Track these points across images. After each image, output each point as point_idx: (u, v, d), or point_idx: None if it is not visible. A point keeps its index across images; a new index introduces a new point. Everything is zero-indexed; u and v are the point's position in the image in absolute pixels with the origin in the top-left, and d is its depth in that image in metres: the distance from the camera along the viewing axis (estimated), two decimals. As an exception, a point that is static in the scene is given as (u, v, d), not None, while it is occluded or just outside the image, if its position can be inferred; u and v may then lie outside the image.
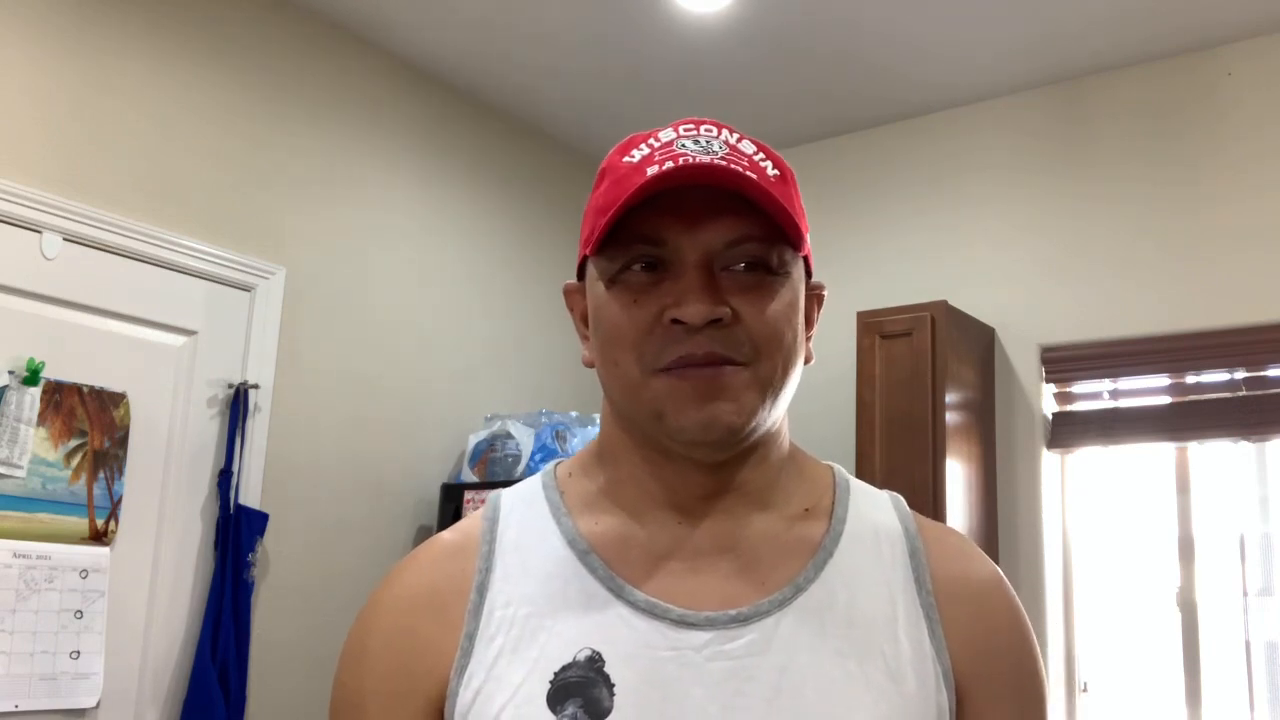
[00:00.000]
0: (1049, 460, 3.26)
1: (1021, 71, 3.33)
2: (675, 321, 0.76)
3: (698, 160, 0.76)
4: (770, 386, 0.79)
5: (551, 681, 0.76)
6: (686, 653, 0.77)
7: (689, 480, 0.82)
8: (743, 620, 0.78)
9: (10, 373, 2.41)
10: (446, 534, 0.89)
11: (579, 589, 0.80)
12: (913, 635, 0.80)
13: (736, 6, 3.02)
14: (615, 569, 0.81)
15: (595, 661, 0.77)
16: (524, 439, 3.23)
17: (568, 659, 0.77)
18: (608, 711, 0.75)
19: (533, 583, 0.81)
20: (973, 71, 3.34)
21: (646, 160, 0.79)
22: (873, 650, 0.78)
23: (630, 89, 3.52)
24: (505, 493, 0.90)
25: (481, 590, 0.82)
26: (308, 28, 3.14)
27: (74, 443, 2.51)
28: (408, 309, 3.35)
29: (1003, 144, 3.46)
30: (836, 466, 0.91)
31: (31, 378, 2.43)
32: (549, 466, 0.91)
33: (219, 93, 2.90)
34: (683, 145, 0.80)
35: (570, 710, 0.75)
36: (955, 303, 3.15)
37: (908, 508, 0.89)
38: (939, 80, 3.40)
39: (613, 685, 0.76)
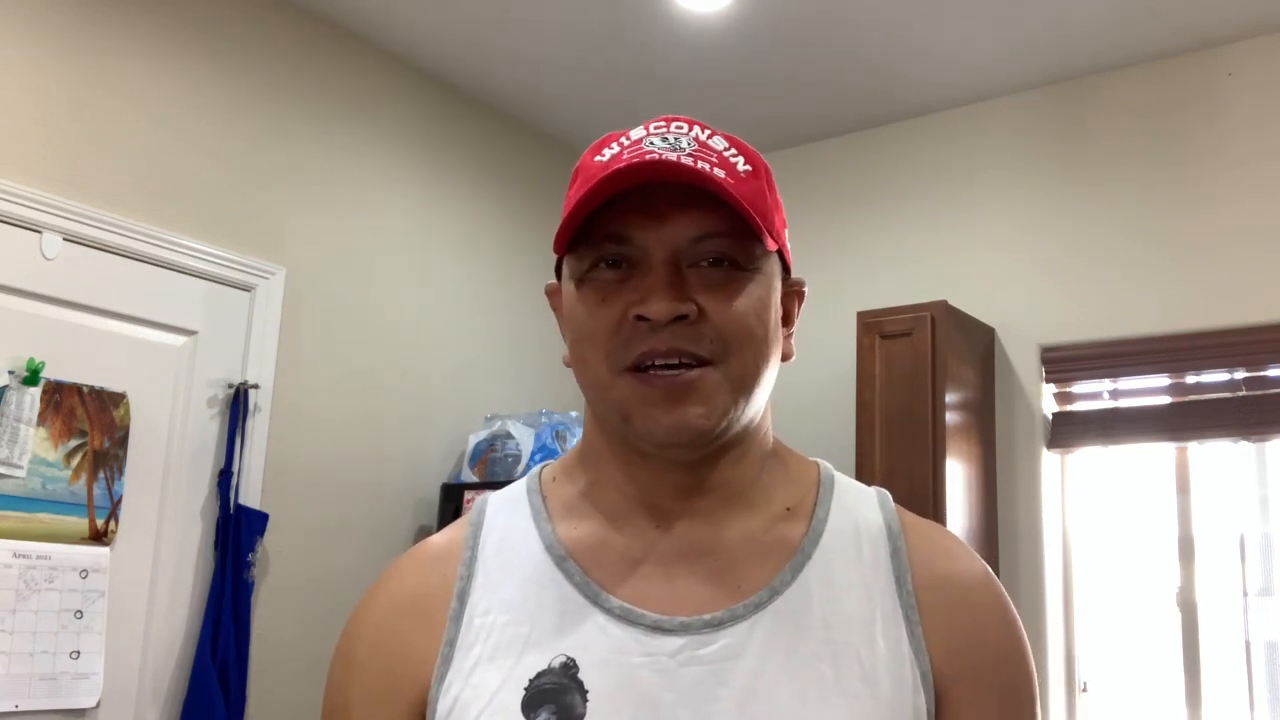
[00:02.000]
0: (1049, 460, 3.25)
1: (1021, 71, 3.33)
2: (640, 318, 0.76)
3: (661, 157, 0.77)
4: (742, 385, 0.79)
5: (526, 688, 0.76)
6: (660, 658, 0.76)
7: (665, 480, 0.82)
8: (716, 625, 0.78)
9: (10, 373, 2.41)
10: (434, 539, 0.89)
11: (556, 595, 0.80)
12: (890, 636, 0.79)
13: (737, 6, 3.02)
14: (591, 575, 0.81)
15: (569, 668, 0.77)
16: (524, 439, 3.23)
17: (543, 665, 0.77)
18: (580, 717, 0.75)
19: (512, 589, 0.82)
20: (973, 71, 3.34)
21: (615, 159, 0.79)
22: (848, 653, 0.77)
23: (631, 88, 3.52)
24: (492, 496, 0.90)
25: (462, 597, 0.82)
26: (308, 28, 3.14)
27: (74, 443, 2.51)
28: (408, 309, 3.35)
29: (1003, 144, 3.46)
30: (822, 463, 0.90)
31: (31, 378, 2.43)
32: (535, 469, 0.92)
33: (219, 93, 2.90)
34: (651, 143, 0.80)
35: (543, 716, 0.75)
36: (955, 303, 3.15)
37: (894, 505, 0.88)
38: (939, 80, 3.40)
39: (586, 691, 0.76)
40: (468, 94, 3.60)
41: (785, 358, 0.86)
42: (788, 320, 0.87)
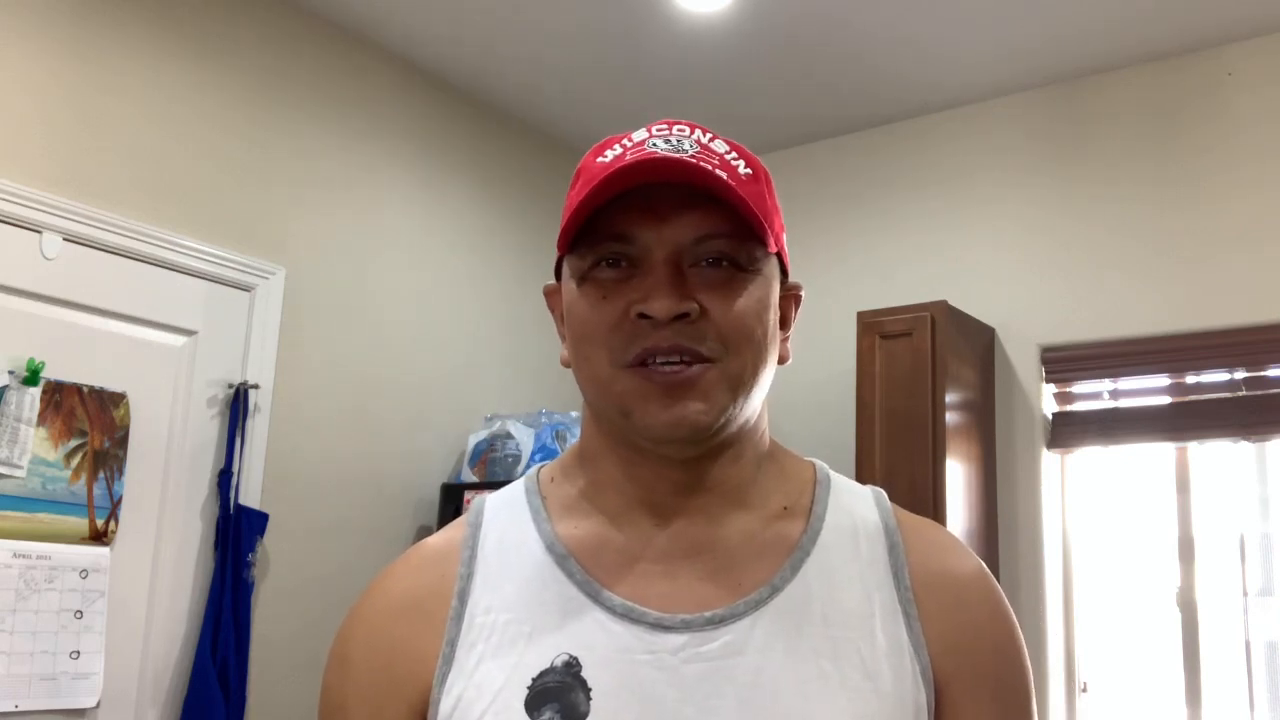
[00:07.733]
0: (1049, 460, 3.25)
1: (1021, 71, 3.33)
2: (642, 316, 0.77)
3: (665, 156, 0.77)
4: (740, 383, 0.80)
5: (530, 687, 0.77)
6: (663, 655, 0.77)
7: (663, 478, 0.83)
8: (718, 622, 0.78)
9: (10, 373, 2.41)
10: (431, 540, 0.89)
11: (557, 594, 0.81)
12: (890, 632, 0.80)
13: (736, 6, 3.02)
14: (592, 573, 0.81)
15: (572, 666, 0.77)
16: (524, 439, 3.23)
17: (546, 664, 0.78)
18: (584, 715, 0.75)
19: (512, 588, 0.82)
20: (973, 71, 3.34)
21: (618, 160, 0.80)
22: (849, 649, 0.78)
23: (630, 89, 3.52)
24: (490, 497, 0.91)
25: (462, 597, 0.83)
26: (308, 28, 3.14)
27: (74, 443, 2.51)
28: (408, 309, 3.35)
29: (1003, 144, 3.46)
30: (818, 462, 0.91)
31: (31, 378, 2.43)
32: (532, 470, 0.92)
33: (219, 93, 2.90)
34: (653, 144, 0.81)
35: (548, 715, 0.75)
36: (955, 303, 3.15)
37: (889, 502, 0.89)
38: (939, 80, 3.40)
39: (589, 689, 0.76)
40: (468, 95, 3.60)
41: (782, 360, 0.86)
42: (784, 324, 0.88)
